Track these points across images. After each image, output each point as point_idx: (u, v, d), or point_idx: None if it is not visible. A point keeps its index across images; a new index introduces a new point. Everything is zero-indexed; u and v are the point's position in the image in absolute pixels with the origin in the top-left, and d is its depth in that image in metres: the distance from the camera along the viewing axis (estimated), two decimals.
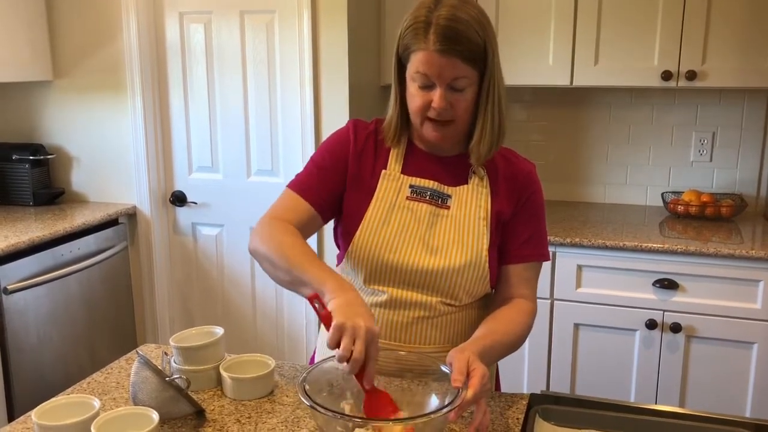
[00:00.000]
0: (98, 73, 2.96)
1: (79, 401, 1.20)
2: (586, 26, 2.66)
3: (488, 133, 1.35)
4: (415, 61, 1.28)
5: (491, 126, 1.34)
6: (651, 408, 1.30)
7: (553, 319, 2.57)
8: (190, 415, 1.26)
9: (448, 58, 1.25)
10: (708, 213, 2.73)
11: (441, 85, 1.28)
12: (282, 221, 1.35)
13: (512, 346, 1.35)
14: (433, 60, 1.26)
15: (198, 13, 2.83)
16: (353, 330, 1.09)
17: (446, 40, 1.24)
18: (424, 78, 1.28)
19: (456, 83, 1.28)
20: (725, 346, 2.41)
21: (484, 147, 1.36)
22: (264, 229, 1.34)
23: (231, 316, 3.06)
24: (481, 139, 1.35)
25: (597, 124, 3.06)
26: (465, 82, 1.28)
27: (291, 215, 1.37)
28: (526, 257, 1.42)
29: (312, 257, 1.26)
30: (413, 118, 1.36)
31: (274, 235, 1.31)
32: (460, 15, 1.25)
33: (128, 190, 3.03)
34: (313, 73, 2.70)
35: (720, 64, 2.55)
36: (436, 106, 1.29)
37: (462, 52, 1.25)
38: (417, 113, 1.33)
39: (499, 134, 1.36)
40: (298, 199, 1.39)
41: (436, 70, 1.26)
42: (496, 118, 1.34)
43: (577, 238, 2.49)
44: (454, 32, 1.24)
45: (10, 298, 2.42)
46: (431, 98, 1.29)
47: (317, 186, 1.40)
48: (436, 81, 1.28)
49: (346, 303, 1.13)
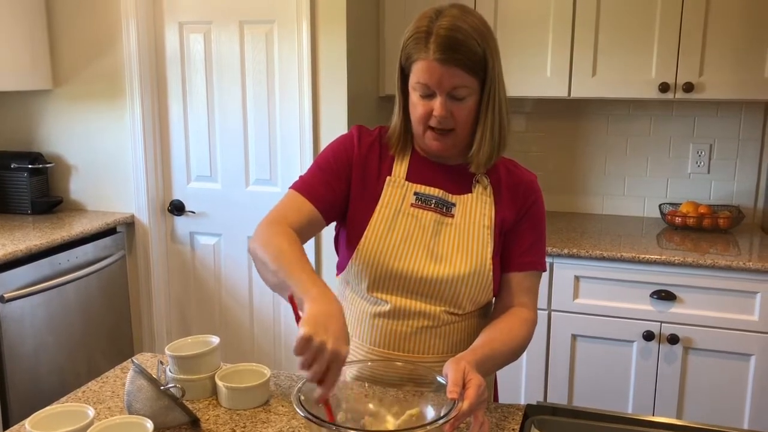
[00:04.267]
0: (98, 82, 2.97)
1: (73, 410, 1.20)
2: (584, 38, 2.68)
3: (488, 141, 1.35)
4: (416, 70, 1.30)
5: (491, 134, 1.35)
6: (648, 419, 1.30)
7: (550, 329, 2.57)
8: (185, 425, 1.26)
9: (448, 67, 1.26)
10: (705, 224, 2.73)
11: (441, 93, 1.29)
12: (282, 225, 1.33)
13: (511, 355, 1.34)
14: (433, 69, 1.27)
15: (198, 23, 2.85)
16: (318, 349, 1.05)
17: (446, 49, 1.25)
18: (424, 87, 1.30)
19: (456, 92, 1.29)
20: (723, 358, 2.41)
21: (483, 155, 1.36)
22: (263, 230, 1.33)
23: (228, 326, 3.06)
24: (480, 148, 1.36)
25: (595, 135, 3.07)
26: (465, 91, 1.29)
27: (294, 216, 1.36)
28: (526, 265, 1.42)
29: (303, 264, 1.23)
30: (415, 127, 1.37)
31: (271, 238, 1.30)
32: (461, 25, 1.27)
33: (126, 199, 3.03)
34: (311, 82, 2.71)
35: (717, 76, 2.57)
36: (437, 114, 1.30)
37: (461, 61, 1.26)
38: (419, 122, 1.34)
39: (499, 143, 1.37)
40: (302, 199, 1.38)
41: (436, 79, 1.28)
42: (496, 126, 1.35)
43: (575, 249, 2.49)
44: (454, 42, 1.25)
45: (7, 306, 2.41)
46: (432, 107, 1.30)
47: (321, 187, 1.39)
48: (436, 90, 1.29)
49: (320, 313, 1.09)
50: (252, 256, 1.33)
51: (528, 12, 2.73)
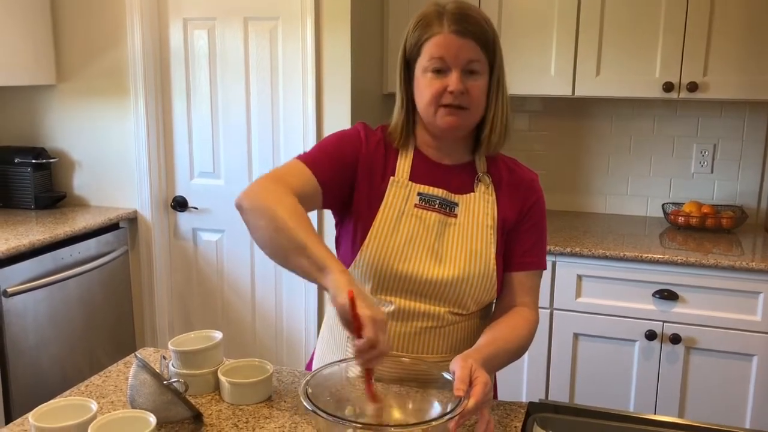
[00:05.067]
0: (102, 77, 2.97)
1: (76, 404, 1.20)
2: (588, 37, 2.67)
3: (499, 121, 1.36)
4: (429, 46, 1.31)
5: (502, 115, 1.36)
6: (650, 418, 1.30)
7: (552, 328, 2.57)
8: (188, 419, 1.26)
9: (464, 39, 1.29)
10: (708, 224, 2.73)
11: (457, 68, 1.29)
12: (286, 187, 1.27)
13: (515, 354, 1.34)
14: (450, 42, 1.29)
15: (202, 19, 2.85)
16: (382, 324, 1.10)
17: (461, 21, 1.29)
18: (439, 61, 1.30)
19: (471, 65, 1.30)
20: (725, 358, 2.41)
21: (495, 136, 1.37)
22: (267, 185, 1.27)
23: (230, 322, 3.06)
24: (493, 129, 1.36)
25: (598, 134, 3.07)
26: (479, 65, 1.31)
27: (295, 181, 1.30)
28: (528, 265, 1.42)
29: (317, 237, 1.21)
30: (426, 110, 1.34)
31: (281, 197, 1.24)
32: (470, 6, 1.32)
33: (130, 195, 3.03)
34: (315, 79, 2.71)
35: (721, 76, 2.56)
36: (453, 88, 1.29)
37: (476, 34, 1.29)
38: (431, 102, 1.32)
39: (507, 127, 1.39)
40: (305, 168, 1.33)
41: (453, 51, 1.29)
42: (505, 109, 1.37)
43: (578, 248, 2.48)
44: (467, 16, 1.30)
45: (9, 300, 2.42)
46: (446, 84, 1.30)
47: (325, 165, 1.35)
48: (451, 63, 1.29)
49: (360, 294, 1.12)
50: (248, 209, 1.26)
51: (532, 11, 2.73)
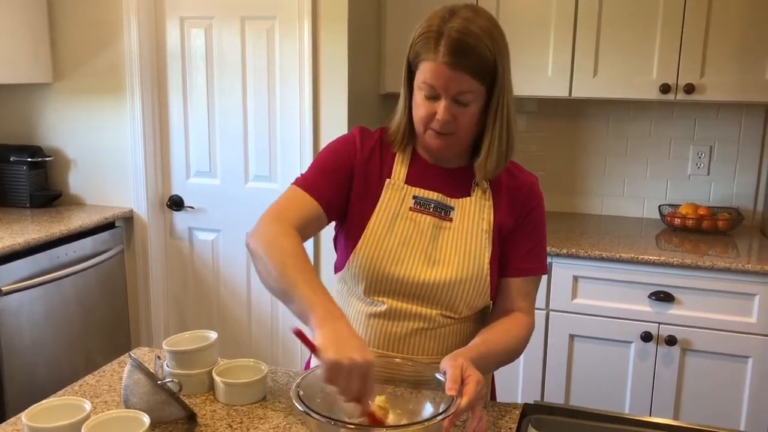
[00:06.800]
0: (98, 76, 2.96)
1: (69, 404, 1.20)
2: (586, 38, 2.67)
3: (495, 150, 1.33)
4: (423, 70, 1.28)
5: (498, 143, 1.33)
6: (645, 420, 1.30)
7: (548, 329, 2.57)
8: (182, 419, 1.25)
9: (456, 72, 1.24)
10: (705, 226, 2.73)
11: (446, 97, 1.27)
12: (285, 224, 1.29)
13: (507, 356, 1.34)
14: (441, 72, 1.25)
15: (199, 18, 2.84)
16: (350, 368, 1.04)
17: (455, 53, 1.23)
18: (430, 89, 1.28)
19: (461, 97, 1.27)
20: (720, 360, 2.41)
21: (491, 164, 1.34)
22: (266, 227, 1.29)
23: (226, 322, 3.05)
24: (488, 156, 1.34)
25: (595, 136, 3.07)
26: (470, 96, 1.27)
27: (296, 212, 1.32)
28: (526, 271, 1.41)
29: (308, 275, 1.20)
30: (417, 126, 1.35)
31: (275, 239, 1.26)
32: (473, 29, 1.24)
33: (125, 194, 3.03)
34: (312, 79, 2.70)
35: (718, 77, 2.56)
36: (440, 118, 1.28)
37: (470, 67, 1.24)
38: (421, 122, 1.33)
39: (507, 151, 1.35)
40: (304, 195, 1.35)
41: (443, 82, 1.26)
42: (504, 135, 1.33)
43: (574, 249, 2.48)
44: (465, 46, 1.23)
45: (4, 299, 2.41)
46: (436, 109, 1.29)
47: (324, 184, 1.37)
48: (441, 93, 1.27)
49: (336, 337, 1.08)
50: (251, 253, 1.30)
51: (530, 11, 2.72)
